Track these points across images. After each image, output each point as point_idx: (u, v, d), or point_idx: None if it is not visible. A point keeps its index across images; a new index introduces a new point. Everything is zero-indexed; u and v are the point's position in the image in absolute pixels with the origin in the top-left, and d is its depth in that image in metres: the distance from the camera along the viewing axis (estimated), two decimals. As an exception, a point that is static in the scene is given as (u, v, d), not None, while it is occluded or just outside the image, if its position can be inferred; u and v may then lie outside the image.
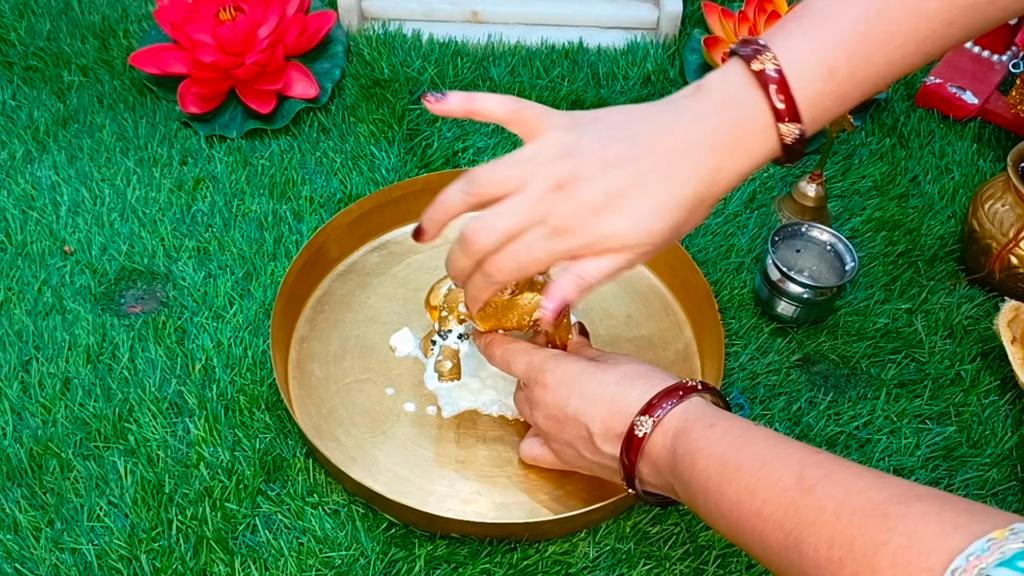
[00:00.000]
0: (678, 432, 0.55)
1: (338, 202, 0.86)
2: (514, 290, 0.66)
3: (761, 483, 0.49)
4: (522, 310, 0.67)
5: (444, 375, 0.68)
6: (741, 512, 0.49)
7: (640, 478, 0.58)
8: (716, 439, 0.53)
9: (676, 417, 0.56)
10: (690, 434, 0.55)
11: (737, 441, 0.52)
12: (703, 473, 0.52)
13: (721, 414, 0.56)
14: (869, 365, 0.77)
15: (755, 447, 0.51)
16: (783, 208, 0.87)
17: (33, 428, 0.70)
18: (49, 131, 0.91)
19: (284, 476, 0.68)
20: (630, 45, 1.02)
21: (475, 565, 0.64)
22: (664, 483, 0.57)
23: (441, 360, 0.68)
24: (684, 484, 0.54)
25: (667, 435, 0.56)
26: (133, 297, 0.79)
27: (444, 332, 0.69)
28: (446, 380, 0.68)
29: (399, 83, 0.96)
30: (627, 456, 0.57)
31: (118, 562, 0.63)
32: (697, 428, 0.55)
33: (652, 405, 0.57)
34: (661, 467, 0.56)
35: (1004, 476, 0.71)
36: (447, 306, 0.68)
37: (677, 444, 0.55)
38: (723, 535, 0.53)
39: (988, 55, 0.99)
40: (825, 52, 0.53)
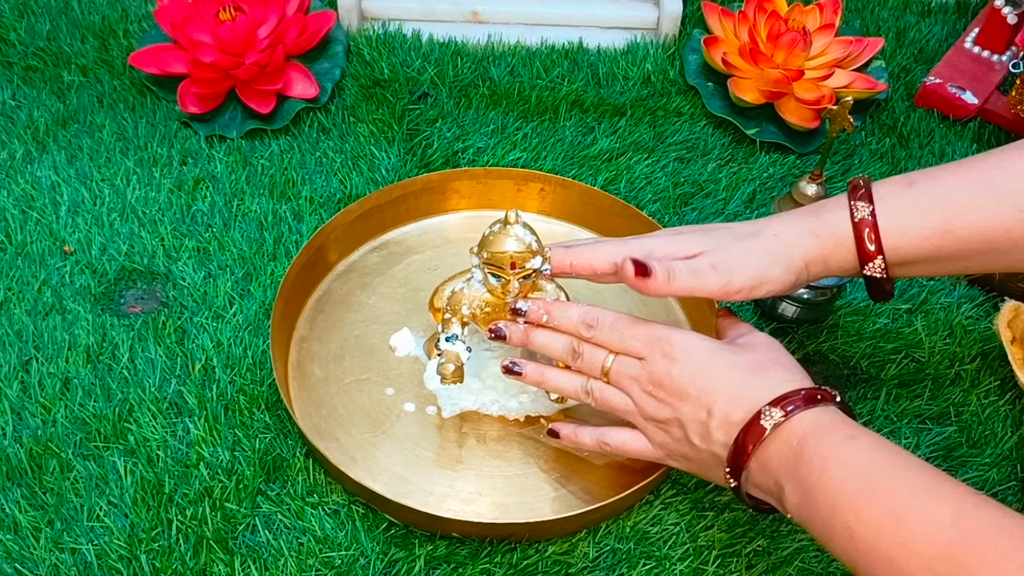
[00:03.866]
0: (809, 434, 0.53)
1: (338, 202, 0.86)
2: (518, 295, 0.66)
3: (912, 513, 0.46)
4: None
5: (447, 378, 0.68)
6: (880, 539, 0.47)
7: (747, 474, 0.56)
8: (858, 453, 0.51)
9: (809, 419, 0.54)
10: (826, 440, 0.52)
11: (884, 461, 0.50)
12: (837, 485, 0.50)
13: (864, 429, 0.53)
14: (869, 365, 0.77)
15: (907, 472, 0.49)
16: (783, 208, 0.87)
17: (33, 428, 0.70)
18: (49, 131, 0.91)
19: (284, 476, 0.68)
20: (630, 45, 1.02)
21: (475, 565, 0.64)
22: (771, 486, 0.54)
23: (444, 363, 0.67)
24: (805, 492, 0.52)
25: (794, 434, 0.54)
26: (133, 297, 0.79)
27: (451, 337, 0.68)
28: (449, 383, 0.68)
29: (399, 83, 0.96)
30: (743, 443, 0.55)
31: (118, 562, 0.63)
32: (836, 436, 0.52)
33: (784, 398, 0.55)
34: (775, 467, 0.54)
35: (1004, 476, 0.71)
36: (450, 308, 0.68)
37: (805, 446, 0.53)
38: (838, 556, 0.50)
39: (988, 55, 0.99)
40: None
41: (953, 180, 0.59)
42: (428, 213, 0.85)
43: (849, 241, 0.60)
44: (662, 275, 0.60)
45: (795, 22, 0.91)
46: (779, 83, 0.90)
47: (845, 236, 0.60)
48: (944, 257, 0.59)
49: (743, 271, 0.60)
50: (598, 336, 0.63)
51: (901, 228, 0.59)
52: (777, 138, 0.92)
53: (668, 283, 0.60)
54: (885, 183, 0.61)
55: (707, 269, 0.60)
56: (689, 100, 0.97)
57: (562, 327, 0.64)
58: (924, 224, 0.59)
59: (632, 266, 0.59)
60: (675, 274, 0.60)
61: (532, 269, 0.64)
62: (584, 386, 0.64)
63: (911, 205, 0.59)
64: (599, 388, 0.63)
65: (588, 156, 0.91)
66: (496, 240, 0.63)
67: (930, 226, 0.58)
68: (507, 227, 0.63)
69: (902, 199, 0.60)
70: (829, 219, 0.61)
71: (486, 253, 0.64)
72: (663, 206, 0.87)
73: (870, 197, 0.60)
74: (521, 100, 0.96)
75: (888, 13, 1.08)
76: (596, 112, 0.95)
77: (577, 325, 0.63)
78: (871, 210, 0.59)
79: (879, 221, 0.59)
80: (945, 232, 0.58)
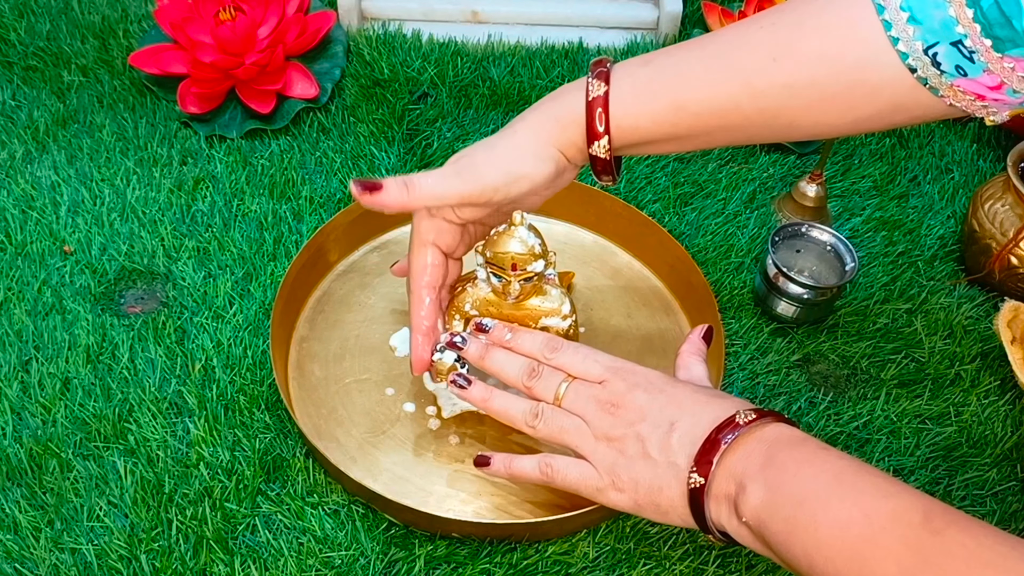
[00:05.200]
0: (782, 441, 0.53)
1: (338, 202, 0.86)
2: (519, 296, 0.66)
3: (881, 511, 0.47)
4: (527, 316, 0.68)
5: (442, 375, 0.68)
6: (848, 532, 0.47)
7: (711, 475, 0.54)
8: (831, 459, 0.51)
9: (780, 429, 0.54)
10: (798, 447, 0.52)
11: (854, 467, 0.50)
12: (808, 483, 0.50)
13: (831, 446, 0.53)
14: (869, 365, 0.77)
15: (877, 477, 0.49)
16: (783, 208, 0.87)
17: (33, 428, 0.70)
18: (49, 131, 0.91)
19: (284, 476, 0.68)
20: (630, 45, 1.02)
21: (475, 565, 0.64)
22: (731, 490, 0.53)
23: (440, 359, 0.68)
24: (772, 489, 0.51)
25: (764, 441, 0.53)
26: (133, 297, 0.79)
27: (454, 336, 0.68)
28: (442, 381, 0.68)
29: (399, 83, 0.96)
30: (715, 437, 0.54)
31: (118, 562, 0.63)
32: (808, 446, 0.52)
33: (755, 409, 0.55)
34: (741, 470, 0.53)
35: (1004, 476, 0.71)
36: (455, 307, 0.68)
37: (777, 451, 0.52)
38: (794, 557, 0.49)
39: (988, 55, 0.99)
40: None
41: (686, 55, 0.58)
42: (428, 213, 0.85)
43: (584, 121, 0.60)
44: (396, 188, 0.60)
45: (795, 22, 0.91)
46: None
47: (581, 115, 0.59)
48: (681, 135, 0.59)
49: (492, 168, 0.60)
50: (559, 358, 0.62)
51: (634, 109, 0.58)
52: (777, 138, 0.92)
53: (406, 194, 0.60)
54: (625, 63, 0.60)
55: (450, 173, 0.61)
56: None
57: (522, 349, 0.63)
58: (656, 102, 0.58)
59: (357, 187, 0.60)
60: (414, 184, 0.60)
61: (534, 272, 0.64)
62: (534, 408, 0.61)
63: (644, 84, 0.59)
64: (550, 410, 0.61)
65: (588, 156, 0.91)
66: (500, 240, 0.63)
67: (663, 104, 0.58)
68: (512, 228, 0.63)
69: (635, 78, 0.59)
70: (568, 100, 0.60)
71: (489, 252, 0.64)
72: (663, 206, 0.87)
73: (607, 77, 0.59)
74: (521, 100, 0.96)
75: (888, 13, 1.08)
76: (596, 112, 0.95)
77: (541, 348, 0.63)
78: (605, 90, 0.58)
79: (611, 101, 0.58)
80: (678, 108, 0.58)
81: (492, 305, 0.67)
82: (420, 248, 0.65)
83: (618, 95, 0.59)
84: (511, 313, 0.68)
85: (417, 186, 0.61)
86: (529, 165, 0.61)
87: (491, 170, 0.60)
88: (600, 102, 0.59)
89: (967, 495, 0.70)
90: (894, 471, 0.70)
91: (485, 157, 0.61)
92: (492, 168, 0.60)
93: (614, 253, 0.85)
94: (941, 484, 0.70)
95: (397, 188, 0.60)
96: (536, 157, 0.61)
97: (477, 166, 0.61)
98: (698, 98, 0.57)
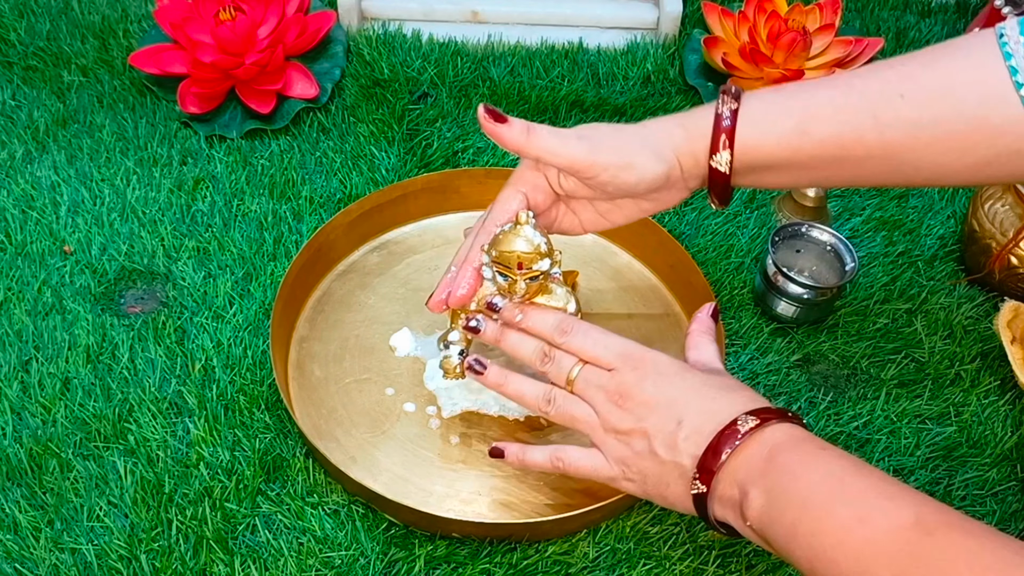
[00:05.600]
0: (782, 444, 0.53)
1: (338, 202, 0.86)
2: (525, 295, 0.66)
3: (876, 513, 0.47)
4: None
5: (449, 372, 0.68)
6: (847, 538, 0.47)
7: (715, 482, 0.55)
8: (830, 460, 0.52)
9: (782, 431, 0.54)
10: (797, 450, 0.53)
11: (852, 467, 0.51)
12: (809, 487, 0.50)
13: (831, 444, 0.54)
14: (869, 365, 0.77)
15: (874, 476, 0.50)
16: (783, 208, 0.87)
17: (33, 428, 0.70)
18: (49, 131, 0.91)
19: (284, 476, 0.68)
20: (630, 45, 1.02)
21: (475, 565, 0.64)
22: (734, 495, 0.54)
23: (448, 356, 0.68)
24: (773, 495, 0.52)
25: (765, 444, 0.54)
26: (133, 297, 0.79)
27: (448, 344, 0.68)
28: (451, 378, 0.68)
29: (399, 83, 0.96)
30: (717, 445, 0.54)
31: (118, 562, 0.63)
32: (807, 447, 0.53)
33: (759, 411, 0.55)
34: (743, 475, 0.53)
35: (1004, 476, 0.71)
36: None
37: (777, 455, 0.53)
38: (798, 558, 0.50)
39: (988, 55, 0.99)
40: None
41: (816, 85, 0.60)
42: (428, 213, 0.85)
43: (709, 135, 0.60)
44: (519, 128, 0.60)
45: (795, 22, 0.91)
46: (779, 83, 0.90)
47: (709, 127, 0.60)
48: (802, 163, 0.59)
49: (610, 147, 0.60)
50: (571, 341, 0.62)
51: (760, 127, 0.59)
52: (777, 138, 0.92)
53: (525, 137, 0.60)
54: (757, 90, 0.61)
55: (572, 136, 0.61)
56: (689, 100, 0.97)
57: (535, 330, 0.64)
58: (783, 123, 0.59)
59: (485, 111, 0.60)
60: (536, 132, 0.60)
61: (540, 271, 0.64)
62: (547, 394, 0.62)
63: (774, 105, 0.60)
64: (562, 396, 0.61)
65: (588, 156, 0.91)
66: (506, 239, 0.63)
67: (788, 126, 0.58)
68: (518, 227, 0.63)
69: (764, 100, 0.60)
70: (698, 114, 0.61)
71: (495, 252, 0.64)
72: (663, 206, 0.87)
73: (738, 96, 0.60)
74: (521, 100, 0.96)
75: (888, 13, 1.08)
76: (596, 112, 0.95)
77: (552, 329, 0.63)
78: (735, 107, 0.59)
79: (739, 117, 0.59)
80: (802, 133, 0.58)
81: None
82: (512, 192, 0.65)
83: (747, 112, 0.59)
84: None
85: (538, 135, 0.61)
86: (644, 157, 0.60)
87: (609, 148, 0.60)
88: (729, 116, 0.59)
89: (967, 495, 0.70)
90: (894, 471, 0.70)
91: (608, 134, 0.61)
92: (610, 146, 0.60)
93: (614, 253, 0.85)
94: (941, 484, 0.70)
95: (519, 128, 0.61)
96: (653, 153, 0.60)
97: (598, 139, 0.61)
98: (823, 124, 0.58)
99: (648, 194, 0.63)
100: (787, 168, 0.60)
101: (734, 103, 0.59)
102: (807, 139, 0.58)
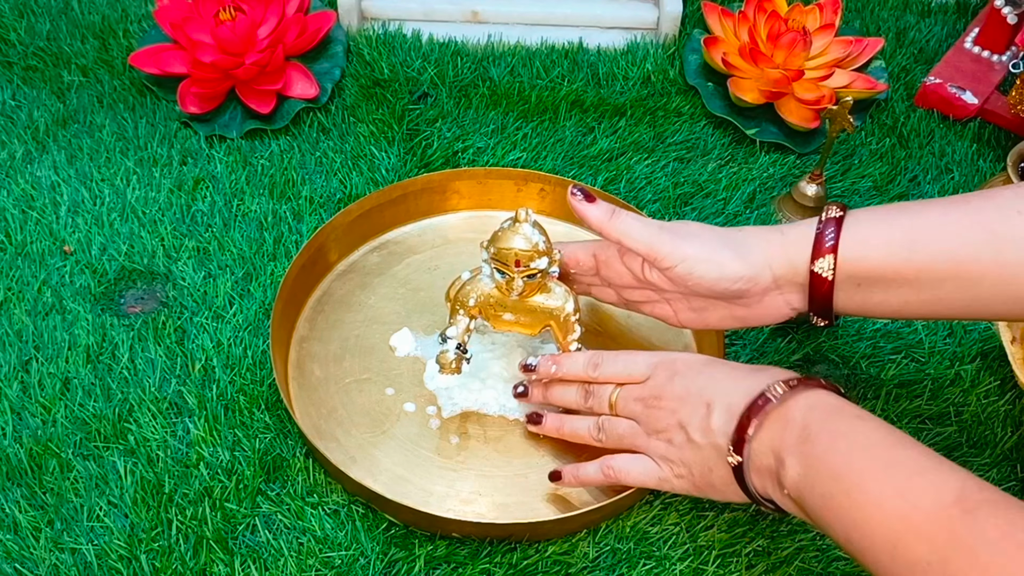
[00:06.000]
0: (817, 410, 0.53)
1: (338, 202, 0.86)
2: (524, 292, 0.66)
3: (915, 489, 0.47)
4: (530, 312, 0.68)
5: (446, 367, 0.68)
6: (882, 509, 0.47)
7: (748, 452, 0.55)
8: (866, 430, 0.51)
9: (817, 398, 0.54)
10: (832, 418, 0.52)
11: (891, 439, 0.50)
12: (842, 457, 0.50)
13: (869, 413, 0.53)
14: (869, 365, 0.77)
15: (914, 450, 0.49)
16: (783, 208, 0.87)
17: (33, 428, 0.70)
18: (49, 131, 0.91)
19: (284, 476, 0.68)
20: (630, 45, 1.02)
21: (475, 565, 0.64)
22: (772, 464, 0.54)
23: (445, 351, 0.68)
24: (808, 464, 0.51)
25: (799, 410, 0.53)
26: (133, 297, 0.79)
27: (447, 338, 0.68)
28: (447, 372, 0.69)
29: (399, 83, 0.96)
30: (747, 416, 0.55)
31: (118, 562, 0.63)
32: (843, 415, 0.53)
33: (788, 381, 0.55)
34: (779, 444, 0.53)
35: (1004, 476, 0.71)
36: (459, 300, 0.68)
37: (811, 422, 0.52)
38: (834, 530, 0.50)
39: (988, 55, 0.99)
40: None
41: (927, 202, 0.58)
42: (428, 213, 0.85)
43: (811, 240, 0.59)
44: (603, 209, 0.62)
45: (795, 22, 0.91)
46: (779, 83, 0.90)
47: (809, 233, 0.59)
48: (909, 279, 0.57)
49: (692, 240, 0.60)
50: (603, 371, 0.64)
51: (867, 233, 0.58)
52: (777, 138, 0.92)
53: (609, 217, 0.61)
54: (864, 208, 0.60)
55: (655, 224, 0.62)
56: (689, 100, 0.97)
57: (571, 375, 0.66)
58: (891, 235, 0.57)
59: (575, 188, 0.63)
60: (619, 213, 0.62)
61: (537, 269, 0.64)
62: (595, 425, 0.65)
63: (881, 214, 0.59)
64: (608, 422, 0.64)
65: (588, 156, 0.91)
66: (504, 236, 0.63)
67: (898, 235, 0.57)
68: (516, 225, 0.63)
69: (874, 212, 0.59)
70: (801, 223, 0.61)
71: (493, 248, 0.64)
72: (663, 206, 0.87)
73: (844, 208, 0.59)
74: (521, 100, 0.96)
75: (888, 13, 1.08)
76: (596, 112, 0.95)
77: (584, 368, 0.65)
78: (840, 216, 0.59)
79: (845, 224, 0.58)
80: (912, 243, 0.56)
81: (495, 300, 0.67)
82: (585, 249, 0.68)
83: (853, 221, 0.58)
84: (515, 310, 0.68)
85: (621, 218, 0.62)
86: (725, 255, 0.60)
87: (690, 241, 0.60)
88: (834, 222, 0.58)
89: (967, 495, 0.70)
90: (894, 471, 0.70)
91: (695, 231, 0.62)
92: (692, 240, 0.60)
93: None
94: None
95: (604, 209, 0.63)
96: (737, 253, 0.60)
97: (683, 232, 0.61)
98: (934, 238, 0.56)
99: (737, 299, 0.62)
100: (895, 284, 0.57)
101: (839, 211, 0.59)
102: (917, 253, 0.56)
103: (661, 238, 0.61)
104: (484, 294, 0.68)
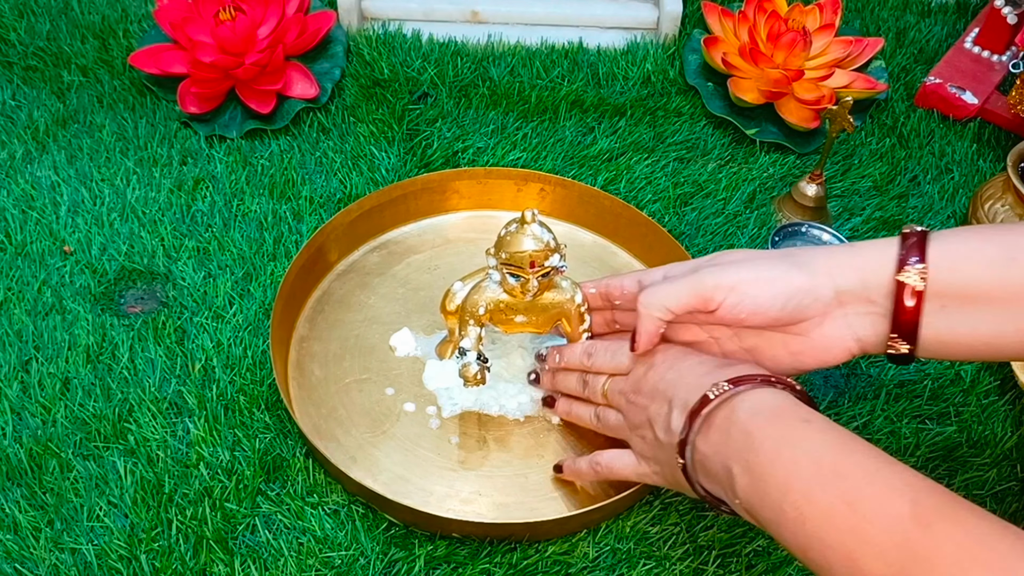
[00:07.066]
0: (761, 415, 0.51)
1: (338, 202, 0.86)
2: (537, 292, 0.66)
3: (866, 501, 0.45)
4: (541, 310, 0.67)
5: (470, 380, 0.68)
6: (832, 524, 0.45)
7: (696, 455, 0.54)
8: (811, 435, 0.49)
9: (761, 399, 0.52)
10: (777, 422, 0.50)
11: (838, 444, 0.48)
12: (788, 468, 0.48)
13: (818, 413, 0.51)
14: (869, 365, 0.77)
15: (860, 455, 0.47)
16: (783, 208, 0.87)
17: (33, 428, 0.70)
18: (49, 131, 0.91)
19: (284, 476, 0.68)
20: (630, 45, 1.02)
21: (475, 565, 0.64)
22: (720, 471, 0.52)
23: (467, 364, 0.67)
24: (755, 475, 0.49)
25: (743, 412, 0.51)
26: (133, 297, 0.79)
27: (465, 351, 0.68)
28: (471, 385, 0.68)
29: (399, 83, 0.96)
30: (691, 415, 0.53)
31: (118, 562, 0.63)
32: (788, 419, 0.50)
33: (738, 379, 0.53)
34: (724, 450, 0.51)
35: (1004, 476, 0.71)
36: (468, 311, 0.67)
37: (755, 428, 0.50)
38: (787, 542, 0.48)
39: (988, 55, 0.99)
40: None
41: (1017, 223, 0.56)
42: (428, 213, 0.85)
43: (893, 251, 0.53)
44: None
45: (795, 22, 0.91)
46: (779, 83, 0.90)
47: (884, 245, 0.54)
48: (1008, 296, 0.51)
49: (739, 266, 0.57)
50: (596, 361, 0.66)
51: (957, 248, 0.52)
52: (777, 138, 0.92)
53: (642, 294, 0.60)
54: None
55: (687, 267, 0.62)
56: (689, 100, 0.97)
57: (572, 365, 0.68)
58: (985, 249, 0.51)
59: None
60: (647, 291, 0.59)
61: (551, 267, 0.64)
62: (595, 412, 0.66)
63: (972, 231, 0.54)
64: (603, 411, 0.66)
65: (588, 156, 0.91)
66: (514, 240, 0.63)
67: (991, 251, 0.51)
68: (524, 226, 0.63)
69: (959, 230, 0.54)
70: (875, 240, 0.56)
71: (504, 254, 0.64)
72: (663, 206, 0.87)
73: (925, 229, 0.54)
74: (521, 100, 0.96)
75: (888, 13, 1.08)
76: (596, 112, 0.95)
77: (579, 358, 0.67)
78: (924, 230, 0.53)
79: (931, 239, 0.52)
80: (1010, 260, 0.51)
81: (505, 305, 0.67)
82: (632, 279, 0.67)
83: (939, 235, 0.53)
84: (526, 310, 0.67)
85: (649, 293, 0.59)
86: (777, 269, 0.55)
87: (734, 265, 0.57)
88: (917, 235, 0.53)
89: (967, 495, 0.69)
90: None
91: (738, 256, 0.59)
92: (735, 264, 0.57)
93: (614, 253, 0.85)
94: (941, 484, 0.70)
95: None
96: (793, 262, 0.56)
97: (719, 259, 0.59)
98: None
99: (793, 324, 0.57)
100: (989, 306, 0.52)
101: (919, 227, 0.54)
102: (1015, 268, 0.51)
103: (702, 281, 0.57)
104: (494, 301, 0.67)
